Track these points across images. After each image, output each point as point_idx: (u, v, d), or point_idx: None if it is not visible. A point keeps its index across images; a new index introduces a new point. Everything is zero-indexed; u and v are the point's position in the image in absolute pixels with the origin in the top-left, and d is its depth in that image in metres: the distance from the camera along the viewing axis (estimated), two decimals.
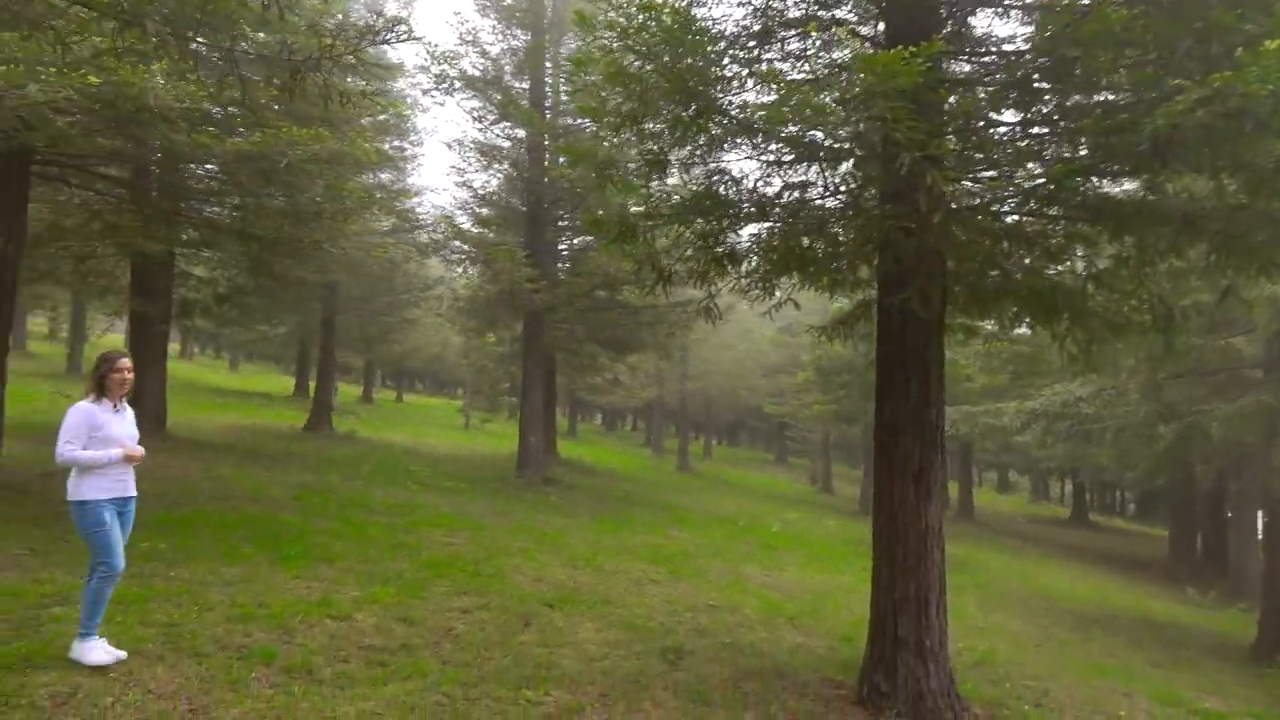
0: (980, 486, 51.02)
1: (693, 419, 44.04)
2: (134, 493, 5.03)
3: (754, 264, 6.35)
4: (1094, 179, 5.03)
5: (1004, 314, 6.08)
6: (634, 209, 5.36)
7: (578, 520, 12.95)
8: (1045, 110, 5.06)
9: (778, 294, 7.38)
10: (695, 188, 5.51)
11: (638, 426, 64.17)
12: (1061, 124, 5.01)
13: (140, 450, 4.99)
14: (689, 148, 5.22)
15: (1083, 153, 4.58)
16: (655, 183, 5.44)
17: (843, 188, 5.72)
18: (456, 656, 5.84)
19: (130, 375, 4.93)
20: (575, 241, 20.74)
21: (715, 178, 5.59)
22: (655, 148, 5.20)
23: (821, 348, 26.17)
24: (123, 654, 4.87)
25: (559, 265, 19.74)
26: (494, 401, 36.22)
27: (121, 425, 4.94)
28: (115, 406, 4.93)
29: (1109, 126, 3.85)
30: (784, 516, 19.77)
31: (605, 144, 5.62)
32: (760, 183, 5.80)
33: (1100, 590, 17.09)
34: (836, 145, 5.22)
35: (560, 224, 19.45)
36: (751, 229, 6.26)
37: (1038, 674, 7.95)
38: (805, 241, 6.43)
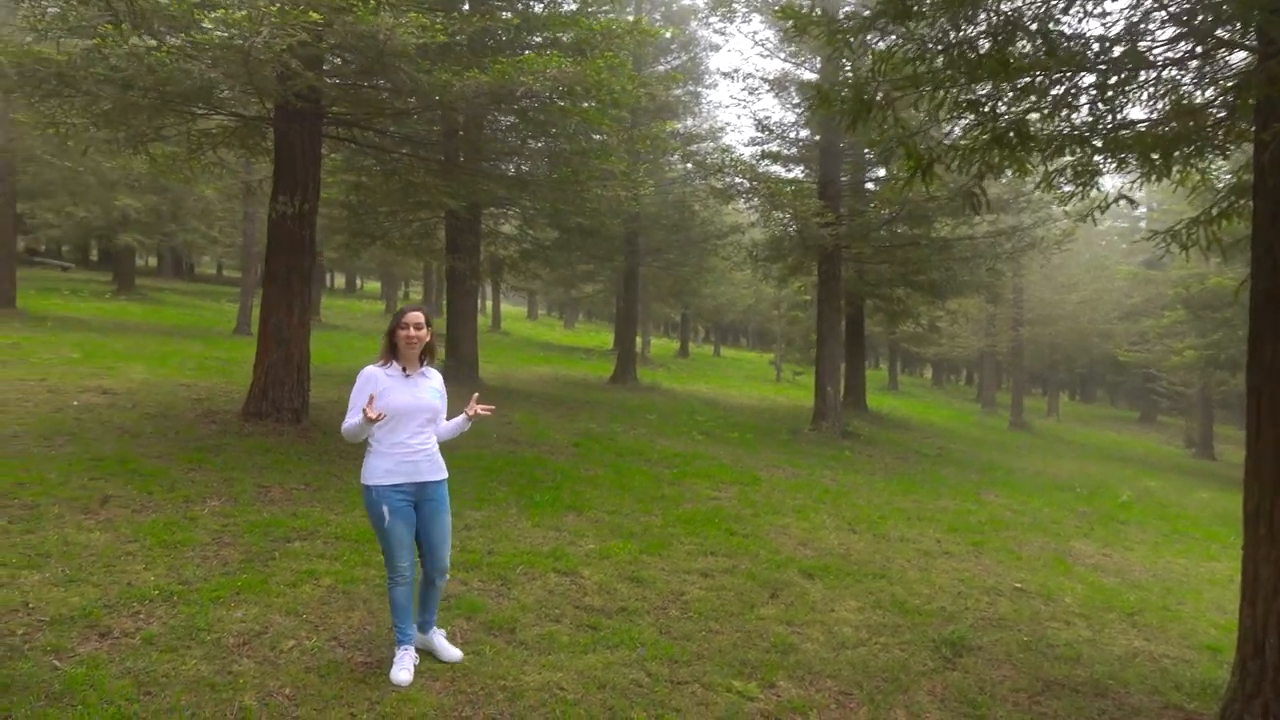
0: None
1: (1031, 371, 39.32)
2: (434, 476, 4.06)
3: (1060, 145, 4.69)
4: None
5: None
6: (866, 70, 4.03)
7: (870, 478, 11.60)
8: None
9: (1105, 187, 5.57)
10: (955, 37, 4.04)
11: (972, 380, 59.16)
12: None
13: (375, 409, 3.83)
14: None
15: None
16: (895, 34, 4.07)
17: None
18: (679, 627, 5.07)
19: (420, 333, 3.99)
20: (881, 173, 18.89)
21: (990, 23, 4.07)
22: None
23: (1194, 279, 21.58)
24: (456, 653, 4.18)
25: (864, 203, 18.10)
26: (807, 353, 35.10)
27: (409, 392, 4.00)
28: (406, 370, 4.04)
29: None
30: (1140, 484, 16.52)
31: None
32: (1061, 22, 4.17)
33: None
34: None
35: (866, 155, 17.73)
36: (1056, 92, 4.60)
37: None
38: (1142, 111, 4.65)
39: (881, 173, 18.82)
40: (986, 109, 4.33)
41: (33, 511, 5.58)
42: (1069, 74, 4.29)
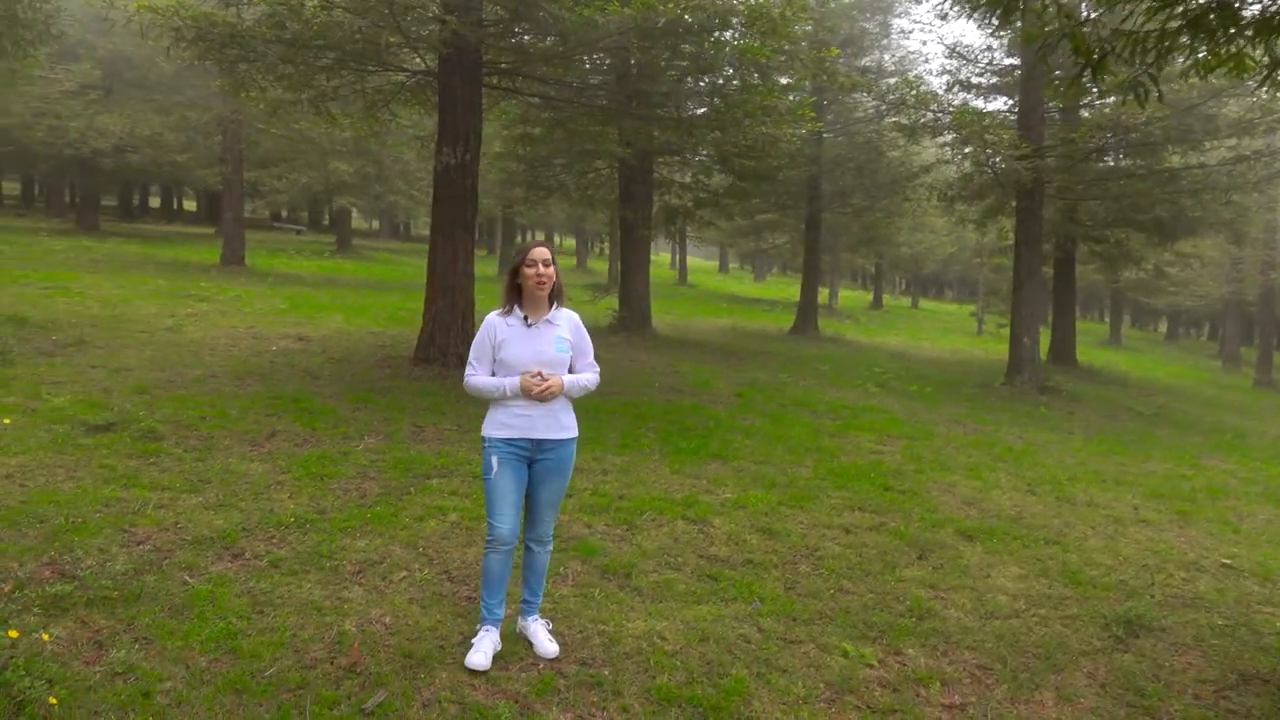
0: None
1: None
2: (552, 435, 3.59)
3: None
4: None
5: None
6: None
7: (1065, 437, 10.48)
8: None
9: None
10: None
11: (1217, 334, 52.55)
12: None
13: (543, 382, 3.47)
14: None
15: None
16: None
17: None
18: (806, 583, 4.74)
19: (548, 271, 3.47)
20: (1098, 103, 16.83)
21: None
22: None
23: None
24: (553, 649, 3.62)
25: (1073, 131, 16.21)
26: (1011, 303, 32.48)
27: (528, 344, 3.51)
28: (528, 318, 3.54)
29: None
30: None
31: None
32: None
33: None
34: None
35: (1085, 78, 15.84)
36: None
37: None
38: None
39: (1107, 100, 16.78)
40: None
41: (207, 442, 6.09)
42: None
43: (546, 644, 3.65)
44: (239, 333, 11.01)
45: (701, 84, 10.00)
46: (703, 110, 11.18)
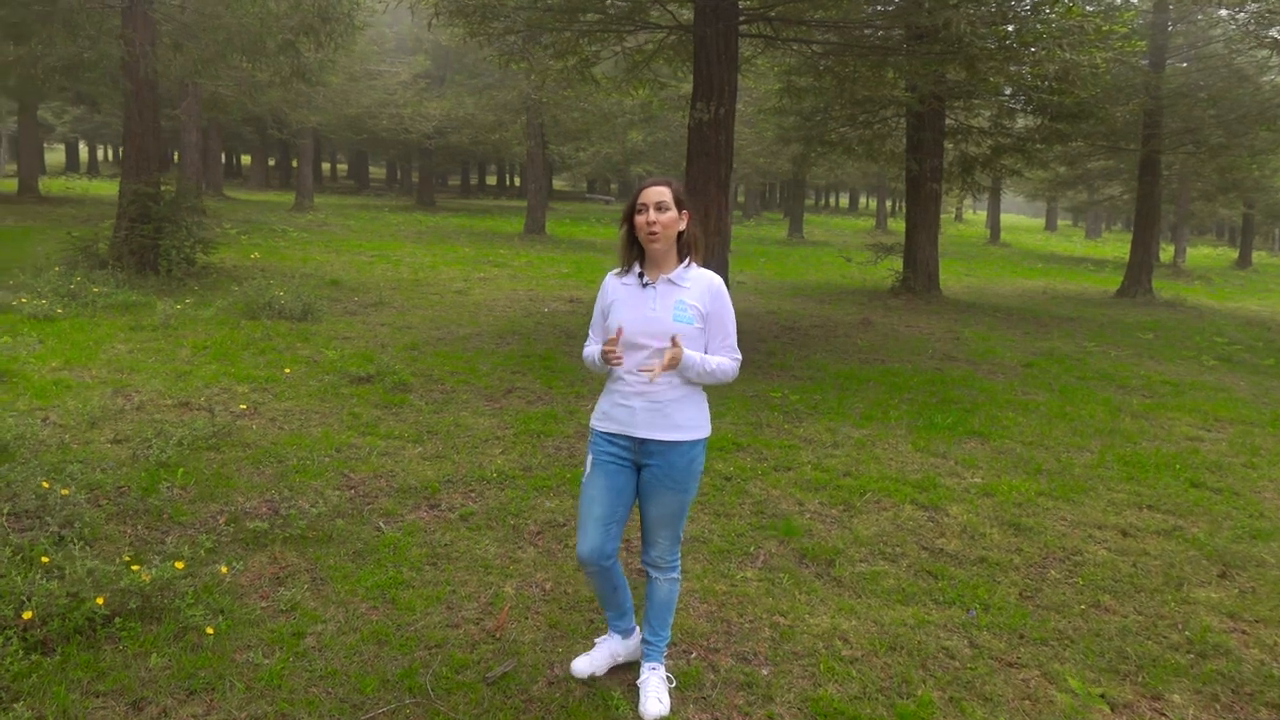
0: None
1: None
2: (657, 434, 2.73)
3: None
4: None
5: None
6: None
7: None
8: None
9: None
10: None
11: None
12: None
13: (620, 350, 2.68)
14: None
15: None
16: None
17: None
18: (1050, 594, 3.91)
19: (662, 217, 2.64)
20: None
21: None
22: None
23: None
24: (656, 711, 2.80)
25: None
26: None
27: (638, 309, 2.72)
28: (644, 277, 2.76)
29: None
30: None
31: None
32: None
33: None
34: None
35: None
36: None
37: None
38: None
39: None
40: None
41: (448, 396, 6.44)
42: None
43: (653, 704, 2.81)
44: (518, 295, 11.71)
45: (988, 10, 8.69)
46: (991, 44, 9.76)
